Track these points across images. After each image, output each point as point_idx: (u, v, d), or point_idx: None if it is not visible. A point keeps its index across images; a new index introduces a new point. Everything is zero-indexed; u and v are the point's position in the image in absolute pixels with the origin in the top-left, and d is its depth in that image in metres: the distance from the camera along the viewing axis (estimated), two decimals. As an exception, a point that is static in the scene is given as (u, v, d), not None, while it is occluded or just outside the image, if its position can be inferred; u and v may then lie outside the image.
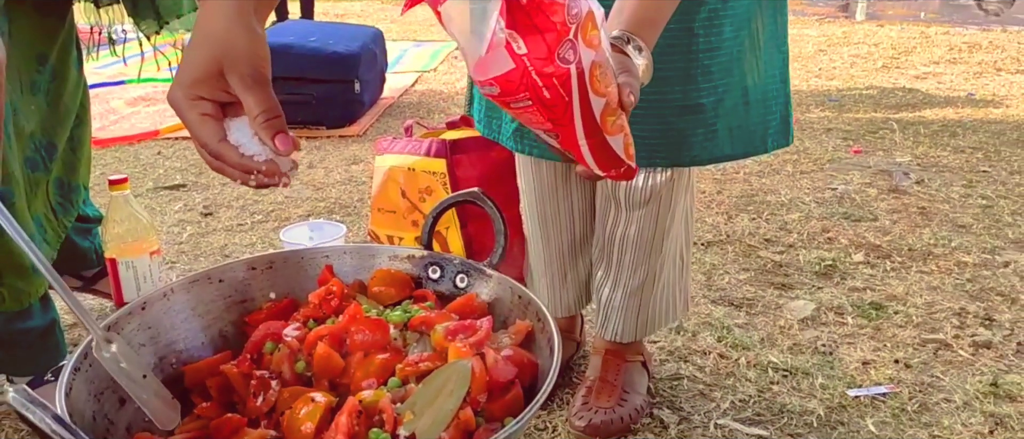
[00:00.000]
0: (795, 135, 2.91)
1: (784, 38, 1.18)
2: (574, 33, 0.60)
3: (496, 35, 0.59)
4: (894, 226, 2.07)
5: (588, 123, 0.66)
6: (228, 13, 0.67)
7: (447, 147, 1.43)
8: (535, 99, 0.62)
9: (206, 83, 0.66)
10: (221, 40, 0.66)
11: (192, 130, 0.68)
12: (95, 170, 2.58)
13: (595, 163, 0.70)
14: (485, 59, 0.60)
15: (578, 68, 0.61)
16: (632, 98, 0.70)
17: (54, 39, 1.17)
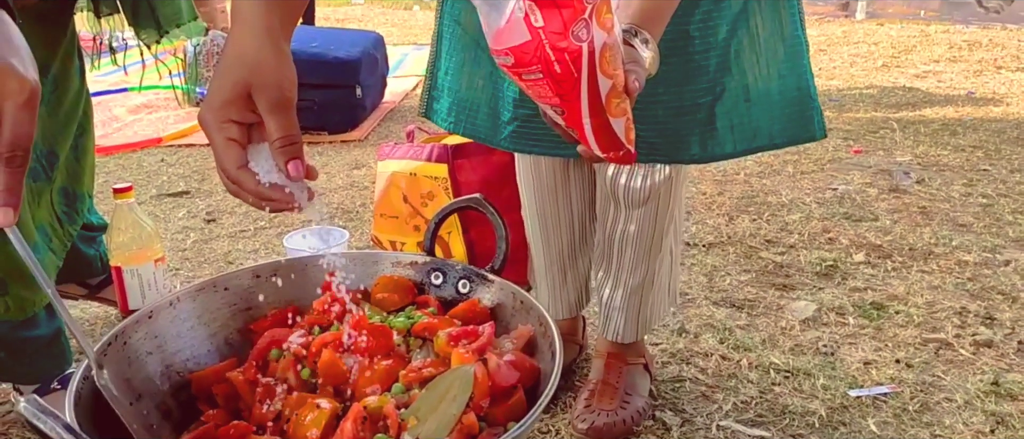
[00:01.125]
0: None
1: (795, 33, 1.15)
2: (590, 13, 0.63)
3: (516, 7, 0.62)
4: (895, 226, 2.08)
5: (593, 102, 0.68)
6: (258, 35, 0.69)
7: (449, 152, 1.44)
8: (546, 72, 0.64)
9: (235, 104, 0.68)
10: (251, 62, 0.68)
11: (217, 152, 0.70)
12: (99, 178, 2.59)
13: (596, 143, 0.72)
14: (503, 29, 0.63)
15: (590, 47, 0.64)
16: (637, 84, 0.72)
17: (56, 49, 1.18)
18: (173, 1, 1.27)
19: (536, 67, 0.64)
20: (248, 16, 0.70)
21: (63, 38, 1.19)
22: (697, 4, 1.08)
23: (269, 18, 0.70)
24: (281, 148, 0.67)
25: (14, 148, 0.57)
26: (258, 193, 0.68)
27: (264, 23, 0.70)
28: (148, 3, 1.25)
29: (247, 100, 0.68)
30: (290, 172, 0.67)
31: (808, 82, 1.15)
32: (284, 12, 0.72)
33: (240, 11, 0.70)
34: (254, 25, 0.69)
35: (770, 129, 1.15)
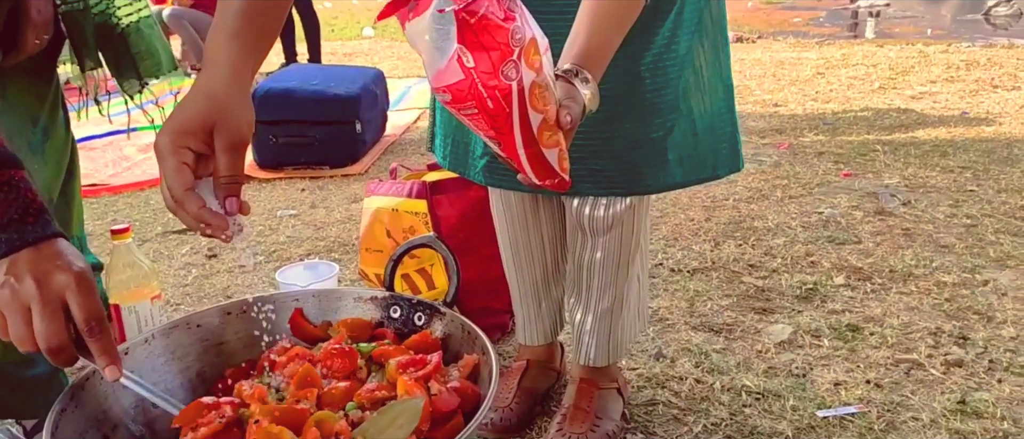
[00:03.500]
0: (788, 160, 2.97)
1: (728, 70, 1.25)
2: (517, 55, 0.70)
3: (449, 49, 0.69)
4: (877, 248, 2.12)
5: (526, 134, 0.75)
6: (229, 78, 0.76)
7: (427, 188, 1.51)
8: (480, 108, 0.71)
9: (195, 135, 0.74)
10: (219, 103, 0.75)
11: (167, 174, 0.75)
12: (106, 216, 2.70)
13: (532, 172, 0.79)
14: (442, 70, 0.70)
15: (519, 85, 0.71)
16: (568, 118, 0.78)
17: (44, 100, 1.26)
18: (154, 54, 1.36)
19: (471, 103, 0.71)
20: (222, 59, 0.77)
21: (49, 90, 1.27)
22: (648, 48, 1.15)
23: (241, 63, 0.77)
24: (225, 184, 0.74)
25: (89, 321, 0.69)
26: (198, 216, 0.74)
27: (236, 67, 0.77)
28: (130, 57, 1.33)
29: (207, 134, 0.74)
30: (227, 207, 0.73)
31: (737, 119, 1.26)
32: (255, 58, 0.80)
33: (214, 52, 0.77)
34: (227, 68, 0.76)
35: (713, 161, 1.23)
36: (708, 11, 1.20)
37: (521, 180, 0.83)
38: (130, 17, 1.33)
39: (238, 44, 0.78)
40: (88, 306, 0.69)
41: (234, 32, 0.78)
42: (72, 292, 0.69)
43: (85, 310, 0.69)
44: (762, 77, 4.81)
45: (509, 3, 0.71)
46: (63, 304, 0.69)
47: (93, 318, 0.69)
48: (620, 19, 0.94)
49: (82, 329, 0.69)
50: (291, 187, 2.97)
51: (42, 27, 1.24)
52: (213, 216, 0.74)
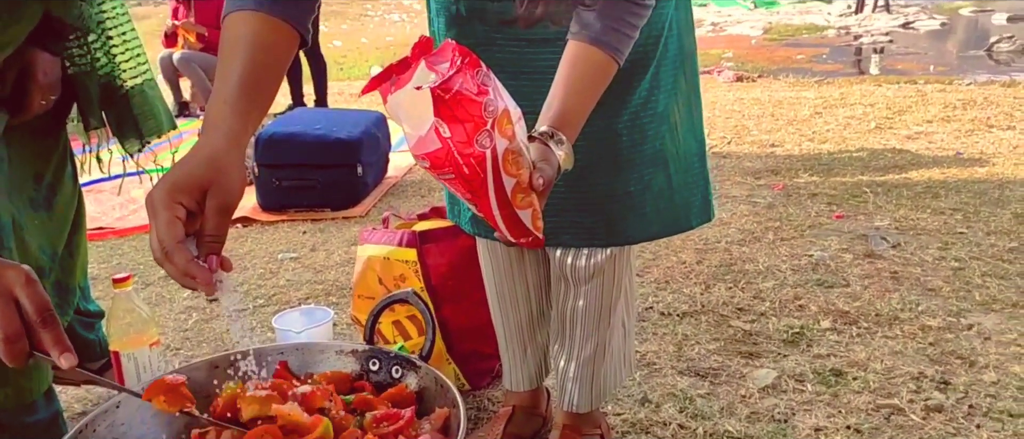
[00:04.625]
0: (781, 201, 3.01)
1: (700, 127, 1.31)
2: (491, 125, 0.75)
3: (427, 121, 0.74)
4: (864, 291, 2.15)
5: (500, 197, 0.80)
6: (229, 143, 0.81)
7: (417, 237, 1.56)
8: (457, 174, 0.76)
9: (190, 193, 0.79)
10: (217, 166, 0.80)
11: (158, 227, 0.78)
12: (112, 260, 2.76)
13: (507, 230, 0.84)
14: (421, 139, 0.75)
15: (493, 153, 0.76)
16: (540, 181, 0.83)
17: (49, 158, 1.33)
18: (155, 115, 1.43)
19: (449, 169, 0.77)
20: (222, 125, 0.82)
21: (56, 149, 1.34)
22: (625, 106, 1.21)
23: (239, 129, 0.83)
24: (210, 243, 0.79)
25: (42, 312, 0.73)
26: (185, 270, 0.78)
27: (234, 133, 0.82)
28: (132, 117, 1.40)
29: (201, 194, 0.79)
30: (208, 265, 0.78)
31: (708, 173, 1.32)
32: (252, 123, 0.86)
33: (214, 118, 0.82)
34: (226, 134, 0.81)
35: (687, 213, 1.29)
36: (683, 73, 1.26)
37: (498, 237, 0.88)
38: (134, 80, 1.40)
39: (236, 112, 0.83)
40: (38, 299, 0.73)
41: (232, 101, 0.83)
42: (21, 286, 0.73)
43: (35, 303, 0.73)
44: (760, 117, 4.87)
45: (483, 78, 0.76)
46: (13, 298, 0.73)
47: (44, 309, 0.73)
48: (594, 84, 0.99)
49: (34, 320, 0.73)
50: (293, 230, 3.03)
51: (48, 89, 1.32)
52: (199, 271, 0.79)
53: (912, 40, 16.04)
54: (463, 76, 0.75)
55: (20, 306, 0.73)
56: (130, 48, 1.43)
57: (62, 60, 1.35)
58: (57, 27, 1.27)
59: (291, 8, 0.90)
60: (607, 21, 0.97)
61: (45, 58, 1.29)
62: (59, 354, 0.73)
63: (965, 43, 15.81)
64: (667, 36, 1.22)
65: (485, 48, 1.20)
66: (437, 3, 1.25)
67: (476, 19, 1.21)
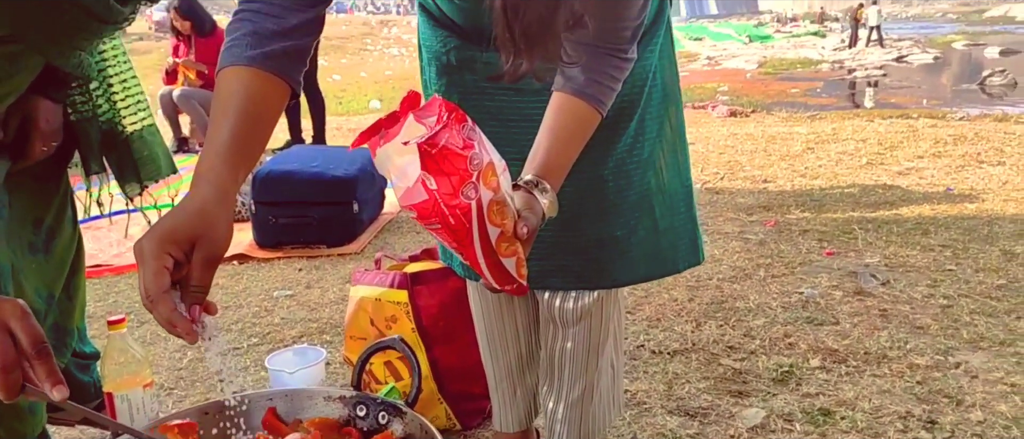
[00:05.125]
0: (773, 237, 3.04)
1: (687, 172, 1.34)
2: (476, 177, 0.78)
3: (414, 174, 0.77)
4: (854, 329, 2.17)
5: (485, 246, 0.82)
6: (219, 198, 0.83)
7: (408, 279, 1.59)
8: (443, 224, 0.79)
9: (179, 245, 0.81)
10: (208, 221, 0.82)
11: (147, 275, 0.80)
12: (108, 298, 2.77)
13: (492, 278, 0.87)
14: (409, 190, 0.78)
15: (478, 204, 0.79)
16: (524, 230, 0.86)
17: (50, 203, 1.36)
18: (154, 159, 1.46)
19: (435, 220, 0.79)
20: (214, 179, 0.84)
21: (56, 194, 1.37)
22: (610, 154, 1.24)
23: (229, 183, 0.85)
24: (194, 293, 0.81)
25: (36, 345, 0.75)
26: (169, 318, 0.79)
27: (225, 187, 0.85)
28: (132, 162, 1.43)
29: (189, 246, 0.81)
30: (191, 314, 0.81)
31: (696, 216, 1.34)
32: (243, 174, 0.88)
33: (206, 171, 0.85)
34: (217, 188, 0.84)
35: (674, 257, 1.31)
36: (668, 120, 1.29)
37: (483, 284, 0.90)
38: (134, 126, 1.43)
39: (227, 165, 0.86)
40: (32, 332, 0.75)
41: (224, 154, 0.86)
42: (16, 319, 0.74)
43: (30, 335, 0.74)
44: (753, 152, 4.93)
45: (469, 132, 0.80)
46: (8, 330, 0.74)
47: (38, 342, 0.75)
48: (577, 134, 1.03)
49: (29, 352, 0.74)
50: (288, 267, 3.05)
51: (50, 136, 1.35)
52: (181, 320, 0.81)
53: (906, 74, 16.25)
54: (449, 131, 0.78)
55: (15, 338, 0.74)
56: (131, 94, 1.46)
57: (64, 107, 1.39)
58: (59, 75, 1.31)
59: (284, 64, 0.93)
60: (590, 74, 1.01)
61: (47, 105, 1.33)
62: (51, 387, 0.75)
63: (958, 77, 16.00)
64: (651, 85, 1.25)
65: (475, 96, 1.23)
66: (429, 52, 1.29)
67: (466, 69, 1.24)
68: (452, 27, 1.23)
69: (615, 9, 1.01)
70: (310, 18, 0.96)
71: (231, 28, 0.93)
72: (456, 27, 1.23)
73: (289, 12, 0.94)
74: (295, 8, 0.94)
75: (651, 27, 1.23)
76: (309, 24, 0.96)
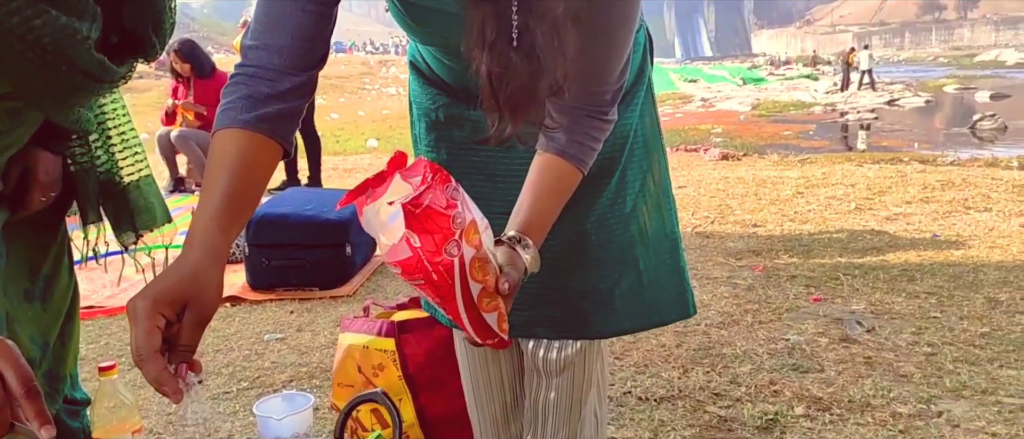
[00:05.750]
0: (761, 283, 3.07)
1: (672, 226, 1.37)
2: (459, 235, 0.81)
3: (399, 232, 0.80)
4: (838, 377, 2.19)
5: (467, 302, 0.85)
6: (210, 260, 0.86)
7: (396, 327, 1.62)
8: (427, 280, 0.82)
9: (171, 305, 0.83)
10: (200, 283, 0.84)
11: (141, 334, 0.81)
12: (100, 340, 2.79)
13: (474, 332, 0.89)
14: (393, 248, 0.81)
15: (461, 261, 0.82)
16: (506, 286, 0.89)
17: (48, 252, 1.39)
18: (150, 209, 1.49)
19: (419, 276, 0.82)
20: (207, 241, 0.87)
21: (54, 243, 1.40)
22: (593, 208, 1.28)
23: (222, 244, 0.88)
24: (179, 353, 0.83)
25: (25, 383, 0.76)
26: (158, 377, 0.81)
27: (217, 249, 0.88)
28: (128, 211, 1.47)
29: (181, 307, 0.84)
30: (178, 371, 0.83)
31: (683, 269, 1.36)
32: (235, 233, 0.91)
33: (199, 234, 0.87)
34: (211, 250, 0.86)
35: (659, 310, 1.34)
36: (651, 175, 1.33)
37: (465, 338, 0.93)
38: (131, 176, 1.47)
39: (220, 228, 0.89)
40: (21, 371, 0.75)
41: (218, 216, 0.89)
42: (4, 360, 0.75)
43: (18, 375, 0.75)
44: (744, 196, 4.98)
45: (452, 192, 0.84)
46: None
47: (27, 381, 0.75)
48: (559, 192, 1.07)
49: (18, 392, 0.75)
50: (281, 309, 3.07)
51: (49, 186, 1.38)
52: (169, 380, 0.83)
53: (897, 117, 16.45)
54: (433, 192, 0.82)
55: (3, 378, 0.75)
56: (128, 145, 1.50)
57: (64, 158, 1.43)
58: (60, 129, 1.35)
59: (277, 126, 0.97)
60: (572, 135, 1.06)
61: (47, 157, 1.36)
62: (40, 426, 0.75)
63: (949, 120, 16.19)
64: (632, 143, 1.30)
65: (463, 152, 1.28)
66: (419, 109, 1.34)
67: (454, 125, 1.29)
68: (441, 86, 1.28)
69: (596, 75, 1.05)
70: (304, 81, 1.00)
71: (227, 91, 0.98)
72: (445, 86, 1.28)
73: (283, 76, 0.98)
74: (289, 72, 0.98)
75: (632, 87, 1.28)
76: (302, 87, 1.00)
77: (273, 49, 0.98)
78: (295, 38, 0.98)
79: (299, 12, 0.98)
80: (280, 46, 0.98)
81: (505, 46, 0.93)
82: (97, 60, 1.06)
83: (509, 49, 0.93)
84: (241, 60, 1.00)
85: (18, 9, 0.95)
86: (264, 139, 0.96)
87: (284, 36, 0.98)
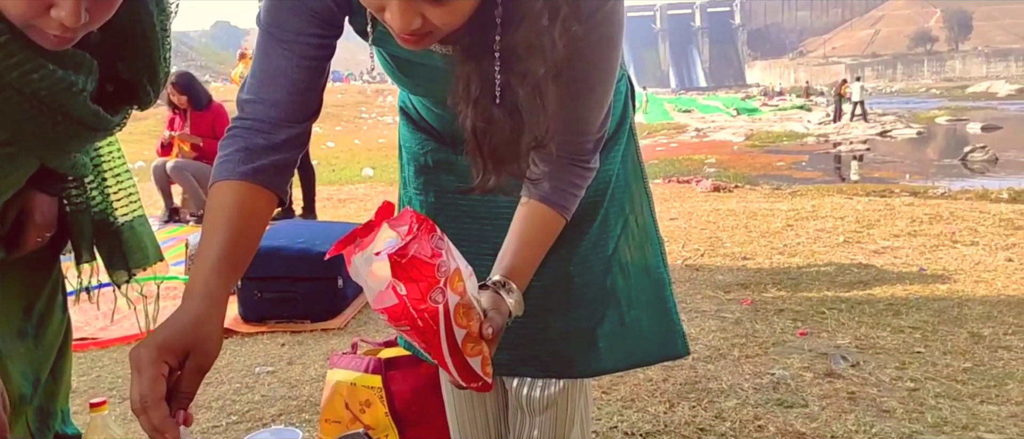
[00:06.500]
0: (749, 316, 3.10)
1: (656, 267, 1.40)
2: (443, 283, 0.85)
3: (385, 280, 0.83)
4: (822, 412, 2.22)
5: (452, 346, 0.89)
6: (211, 310, 0.90)
7: (382, 364, 1.65)
8: (412, 326, 0.85)
9: (175, 354, 0.87)
10: (202, 333, 0.88)
11: (145, 382, 0.85)
12: (92, 372, 2.80)
13: (458, 375, 0.93)
14: (380, 294, 0.84)
15: (445, 308, 0.86)
16: (490, 331, 0.92)
17: (41, 290, 1.42)
18: (143, 249, 1.53)
19: (405, 322, 0.86)
20: (207, 292, 0.91)
21: (48, 280, 1.43)
22: (575, 250, 1.32)
23: (221, 295, 0.92)
24: (182, 398, 0.87)
25: None
26: (161, 425, 0.84)
27: (217, 299, 0.91)
28: (122, 252, 1.50)
29: (183, 355, 0.88)
30: (178, 418, 0.86)
31: (671, 310, 1.38)
32: (232, 283, 0.95)
33: (200, 285, 0.91)
34: (211, 299, 0.90)
35: (644, 348, 1.37)
36: (634, 218, 1.37)
37: (450, 381, 0.96)
38: (125, 216, 1.51)
39: (220, 277, 0.93)
40: None
41: (218, 267, 0.93)
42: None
43: None
44: (734, 229, 5.03)
45: (437, 241, 0.87)
46: None
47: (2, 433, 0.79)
48: (543, 237, 1.11)
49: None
50: (272, 342, 3.09)
51: (45, 227, 1.42)
52: (171, 427, 0.87)
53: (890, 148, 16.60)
54: (419, 242, 0.85)
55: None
56: (123, 186, 1.54)
57: (60, 199, 1.46)
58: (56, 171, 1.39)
59: (272, 177, 1.02)
60: (555, 182, 1.10)
61: (43, 199, 1.40)
62: None
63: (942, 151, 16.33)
64: (614, 186, 1.34)
65: (451, 195, 1.32)
66: (408, 153, 1.38)
67: (442, 169, 1.33)
68: (430, 131, 1.33)
69: (578, 126, 1.10)
70: (298, 133, 1.05)
71: (224, 143, 1.02)
72: (434, 131, 1.32)
73: (278, 128, 1.03)
74: (284, 124, 1.03)
75: (614, 135, 1.32)
76: (297, 138, 1.05)
77: (269, 103, 1.02)
78: (290, 92, 1.03)
79: (293, 67, 1.03)
80: (276, 100, 1.03)
81: (488, 102, 0.97)
82: (92, 111, 1.11)
83: (492, 105, 0.97)
84: (238, 114, 1.05)
85: (17, 64, 0.99)
86: (260, 189, 1.00)
87: (279, 90, 1.03)
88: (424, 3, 0.86)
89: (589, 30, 1.00)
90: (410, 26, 0.88)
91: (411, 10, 0.87)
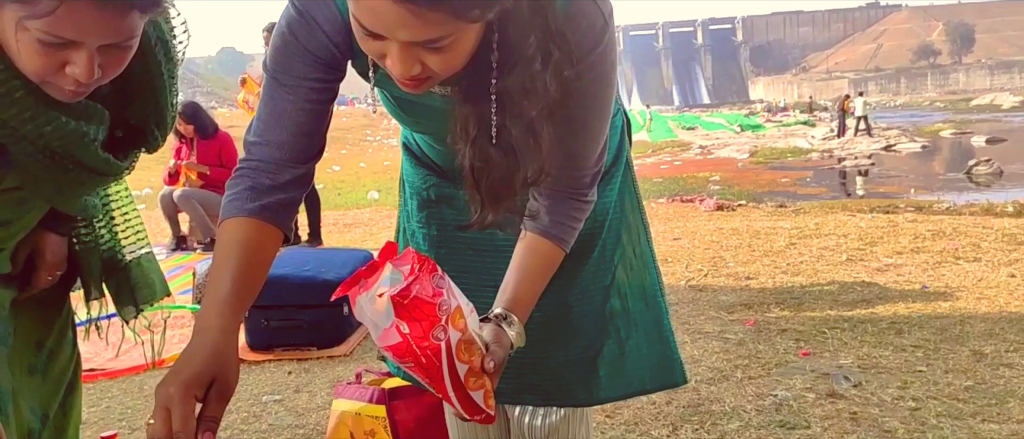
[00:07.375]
0: (752, 337, 3.12)
1: (654, 298, 1.43)
2: (445, 321, 0.88)
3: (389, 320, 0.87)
4: (824, 433, 2.23)
5: (455, 381, 0.92)
6: (226, 341, 0.94)
7: (386, 394, 1.68)
8: (416, 363, 0.88)
9: (200, 386, 0.90)
10: (223, 362, 0.92)
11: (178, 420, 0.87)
12: (102, 403, 2.83)
13: (462, 409, 0.96)
14: (385, 333, 0.87)
15: (447, 344, 0.89)
16: (491, 364, 0.95)
17: (51, 326, 1.46)
18: (150, 285, 1.57)
19: (409, 360, 0.89)
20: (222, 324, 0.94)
21: (59, 317, 1.47)
22: (574, 281, 1.35)
23: (233, 326, 0.96)
24: (206, 425, 0.90)
25: None
26: None
27: (231, 329, 0.95)
28: (129, 288, 1.54)
29: (207, 385, 0.91)
30: None
31: (669, 338, 1.41)
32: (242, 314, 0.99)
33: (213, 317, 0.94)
34: (225, 330, 0.94)
35: (641, 377, 1.39)
36: (632, 248, 1.40)
37: (454, 413, 1.00)
38: (133, 253, 1.55)
39: (232, 310, 0.97)
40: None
41: (229, 300, 0.97)
42: None
43: None
44: (738, 248, 5.05)
45: (438, 281, 0.91)
46: None
47: None
48: (543, 270, 1.15)
49: None
50: (279, 370, 3.12)
51: (55, 266, 1.46)
52: None
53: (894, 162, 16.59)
54: (420, 283, 0.89)
55: None
56: (131, 225, 1.58)
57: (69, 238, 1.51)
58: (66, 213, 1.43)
59: (278, 214, 1.06)
60: (554, 216, 1.14)
61: (53, 239, 1.44)
62: None
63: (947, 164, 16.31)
64: (611, 218, 1.37)
65: (452, 229, 1.36)
66: (410, 187, 1.42)
67: (444, 203, 1.37)
68: (432, 167, 1.37)
69: (574, 161, 1.13)
70: (302, 173, 1.10)
71: (232, 183, 1.07)
72: (436, 167, 1.36)
73: (283, 169, 1.08)
74: (289, 165, 1.08)
75: (610, 168, 1.36)
76: (301, 178, 1.10)
77: (274, 144, 1.07)
78: (294, 134, 1.08)
79: (298, 111, 1.08)
80: (281, 142, 1.07)
81: (485, 142, 1.01)
82: (103, 159, 1.15)
83: (489, 145, 1.01)
84: (245, 155, 1.10)
85: (32, 118, 1.04)
86: (267, 226, 1.05)
87: (284, 133, 1.07)
88: (423, 50, 0.90)
89: (581, 72, 1.03)
90: (410, 72, 0.92)
91: (411, 57, 0.91)
